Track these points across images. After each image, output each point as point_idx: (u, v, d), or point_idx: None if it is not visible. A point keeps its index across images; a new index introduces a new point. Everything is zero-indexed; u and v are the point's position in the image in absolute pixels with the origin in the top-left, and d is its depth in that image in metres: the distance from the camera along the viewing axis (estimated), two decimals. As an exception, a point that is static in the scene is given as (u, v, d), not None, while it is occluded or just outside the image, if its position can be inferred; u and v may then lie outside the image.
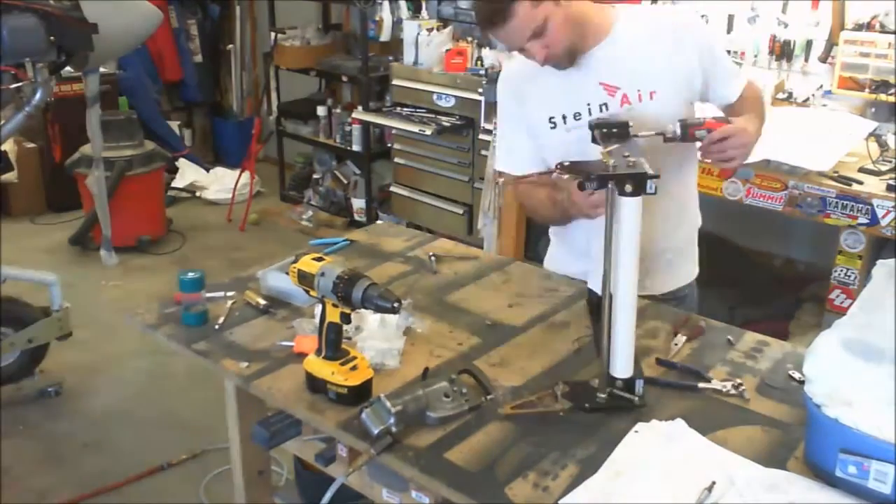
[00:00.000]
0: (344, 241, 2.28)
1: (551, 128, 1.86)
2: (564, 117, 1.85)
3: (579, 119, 1.84)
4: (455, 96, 4.26)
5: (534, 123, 1.89)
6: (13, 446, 3.00)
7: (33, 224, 5.23)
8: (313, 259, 1.53)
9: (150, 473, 2.88)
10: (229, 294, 1.95)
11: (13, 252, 4.30)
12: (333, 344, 1.51)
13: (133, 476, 2.85)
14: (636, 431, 1.42)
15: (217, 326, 1.80)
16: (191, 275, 1.82)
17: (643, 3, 2.02)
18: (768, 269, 3.76)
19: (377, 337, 1.65)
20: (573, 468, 1.34)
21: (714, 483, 1.28)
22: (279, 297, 1.91)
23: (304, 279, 1.52)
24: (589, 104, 1.83)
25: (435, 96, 4.35)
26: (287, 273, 1.89)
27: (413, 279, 2.06)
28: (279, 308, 1.89)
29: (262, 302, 1.89)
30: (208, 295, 1.88)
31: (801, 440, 1.39)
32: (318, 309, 1.55)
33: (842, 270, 2.84)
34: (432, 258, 2.15)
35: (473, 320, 1.85)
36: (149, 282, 4.34)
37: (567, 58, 1.77)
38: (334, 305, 1.49)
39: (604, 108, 1.83)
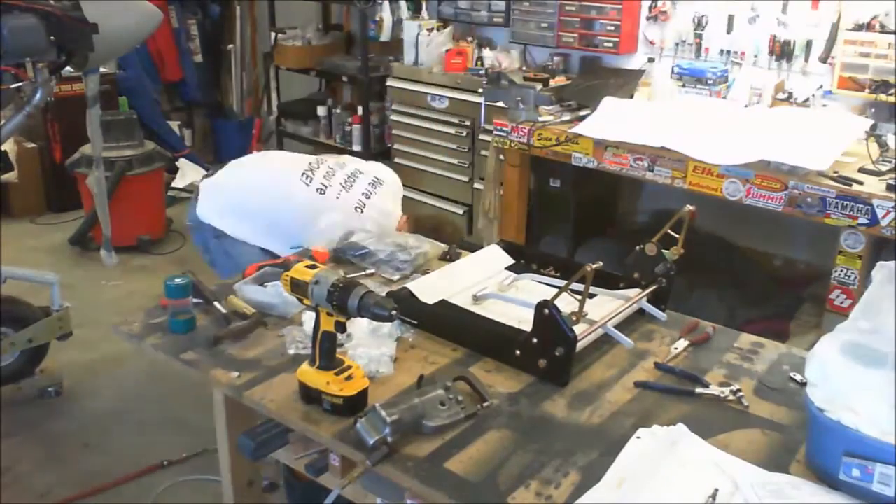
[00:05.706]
0: None
1: None
2: None
3: None
4: (455, 97, 4.25)
5: None
6: (13, 446, 2.99)
7: (33, 224, 5.21)
8: (306, 267, 1.48)
9: (148, 471, 2.87)
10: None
11: (13, 252, 4.30)
12: (328, 353, 1.47)
13: (132, 473, 2.84)
14: (638, 437, 1.41)
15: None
16: (178, 280, 1.76)
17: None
18: (768, 269, 3.75)
19: (368, 343, 1.62)
20: (575, 476, 1.33)
21: (717, 490, 1.27)
22: (258, 309, 1.85)
23: (298, 288, 1.47)
24: None
25: (435, 96, 4.35)
26: (262, 284, 1.87)
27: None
28: (266, 315, 1.84)
29: (249, 310, 1.83)
30: (195, 301, 1.83)
31: (803, 443, 1.39)
32: (306, 316, 1.51)
33: (842, 270, 2.84)
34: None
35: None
36: (149, 282, 4.33)
37: None
38: (329, 314, 1.45)
39: None
